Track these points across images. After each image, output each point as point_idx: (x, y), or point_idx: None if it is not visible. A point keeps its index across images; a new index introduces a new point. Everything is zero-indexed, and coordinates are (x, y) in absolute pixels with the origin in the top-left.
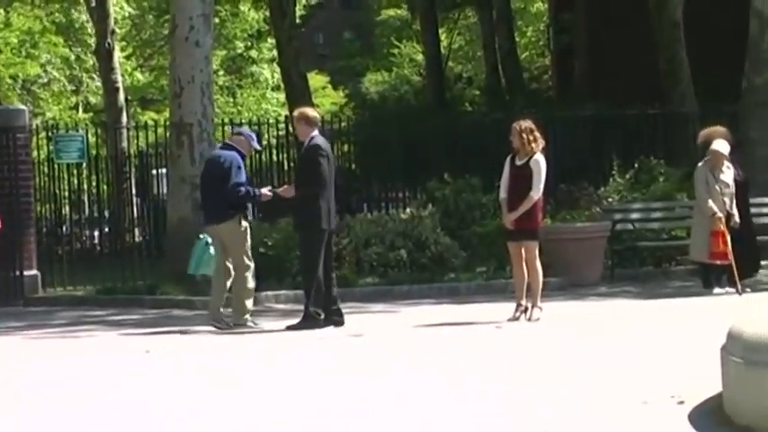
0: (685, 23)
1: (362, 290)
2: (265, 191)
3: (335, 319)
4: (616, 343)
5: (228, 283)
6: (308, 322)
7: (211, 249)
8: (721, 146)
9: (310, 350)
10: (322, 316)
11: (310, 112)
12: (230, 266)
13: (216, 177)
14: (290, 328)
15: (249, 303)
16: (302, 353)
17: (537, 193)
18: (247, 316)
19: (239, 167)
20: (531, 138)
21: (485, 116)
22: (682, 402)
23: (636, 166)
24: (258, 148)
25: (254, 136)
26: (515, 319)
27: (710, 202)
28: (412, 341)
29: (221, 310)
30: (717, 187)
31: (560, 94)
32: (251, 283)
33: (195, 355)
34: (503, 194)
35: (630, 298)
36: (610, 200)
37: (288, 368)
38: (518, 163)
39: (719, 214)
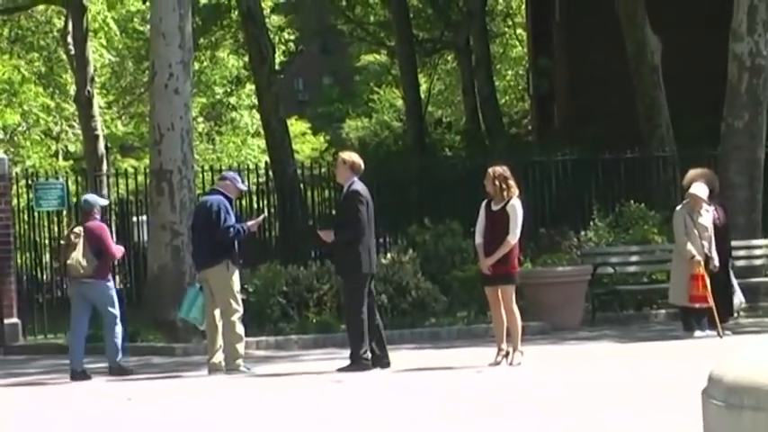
0: (664, 68)
1: (343, 335)
2: (251, 223)
3: (383, 361)
4: (597, 387)
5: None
6: (358, 365)
7: (202, 296)
8: (699, 189)
9: (289, 395)
10: (369, 359)
11: (356, 158)
12: (217, 315)
13: (204, 223)
14: (340, 370)
15: (240, 348)
16: (280, 398)
17: (514, 238)
18: (239, 361)
19: (228, 210)
20: (505, 185)
21: (465, 161)
22: None
23: (616, 209)
24: (244, 188)
25: (238, 177)
26: (496, 363)
27: (689, 246)
28: (392, 387)
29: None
30: (695, 230)
31: (540, 139)
32: (240, 329)
33: (177, 401)
34: (478, 239)
35: (611, 341)
36: (590, 244)
37: (262, 415)
38: (494, 208)
39: (698, 258)
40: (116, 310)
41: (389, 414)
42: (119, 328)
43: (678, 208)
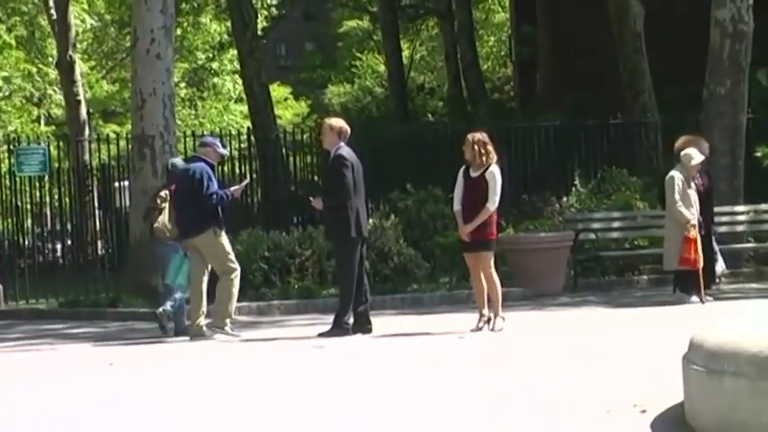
0: (646, 34)
1: (325, 301)
2: (234, 188)
3: (366, 327)
4: (579, 352)
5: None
6: (339, 329)
7: (187, 262)
8: (696, 154)
9: (270, 360)
10: (351, 324)
11: (342, 123)
12: (205, 279)
13: (188, 191)
14: (321, 335)
15: (231, 308)
16: (262, 363)
17: (493, 204)
18: (228, 321)
19: (210, 177)
20: (484, 150)
21: (447, 126)
22: (644, 411)
23: (598, 176)
24: (225, 152)
25: (217, 142)
26: (478, 329)
27: (684, 210)
28: (374, 352)
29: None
30: (690, 195)
31: (522, 105)
32: (236, 288)
33: (159, 366)
34: (457, 206)
35: (593, 307)
36: (572, 210)
37: (244, 379)
38: (473, 175)
39: (693, 221)
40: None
41: (370, 379)
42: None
43: (673, 173)
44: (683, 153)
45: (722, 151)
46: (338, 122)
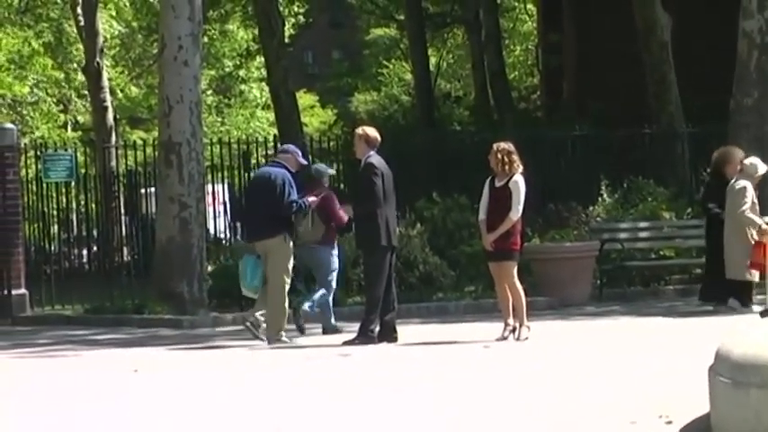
0: (674, 44)
1: (351, 309)
2: (312, 198)
3: (392, 336)
4: (604, 363)
5: None
6: (364, 338)
7: (261, 265)
8: (762, 165)
9: (297, 368)
10: (376, 333)
11: (371, 132)
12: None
13: (266, 194)
14: (346, 343)
15: (283, 321)
16: (289, 371)
17: (516, 214)
18: (282, 333)
19: (291, 184)
20: (508, 159)
21: (473, 135)
22: (670, 422)
23: (624, 185)
24: (304, 162)
25: (299, 152)
26: (504, 338)
27: (754, 216)
28: (400, 361)
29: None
30: (756, 204)
31: (549, 114)
32: (286, 302)
33: (183, 373)
34: (482, 216)
35: (619, 317)
36: (598, 219)
37: (270, 387)
38: (497, 184)
39: (765, 227)
40: (332, 277)
41: (394, 388)
42: (327, 292)
43: (744, 183)
44: (747, 163)
45: None
46: (367, 131)
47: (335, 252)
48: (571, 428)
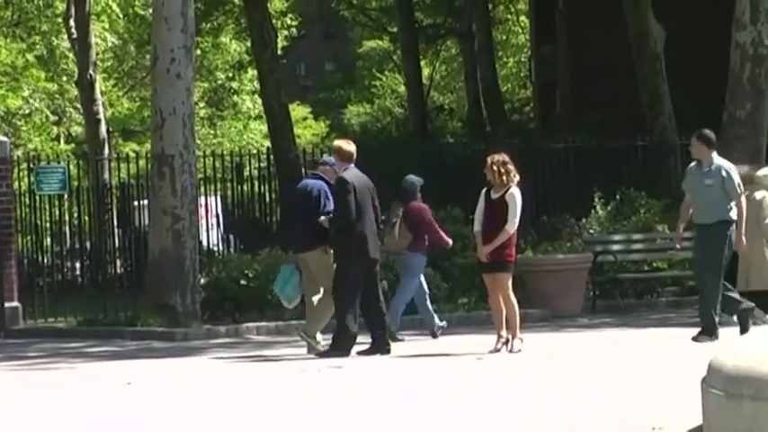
0: (667, 56)
1: None
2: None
3: (383, 348)
4: (597, 375)
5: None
6: (336, 349)
7: (297, 275)
8: None
9: (288, 380)
10: (352, 341)
11: (344, 145)
12: (317, 295)
13: (304, 207)
14: (319, 355)
15: (320, 327)
16: (280, 383)
17: (512, 226)
18: (320, 336)
19: (327, 196)
20: (504, 171)
21: (466, 147)
22: None
23: (617, 197)
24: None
25: (334, 162)
26: (496, 350)
27: None
28: (392, 373)
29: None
30: None
31: (542, 126)
32: (330, 313)
33: (176, 385)
34: (477, 227)
35: (612, 329)
36: (591, 231)
37: (258, 398)
38: (493, 196)
39: None
40: (413, 285)
41: (387, 400)
42: (404, 300)
43: (760, 193)
44: (761, 174)
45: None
46: (340, 144)
47: (424, 259)
48: None
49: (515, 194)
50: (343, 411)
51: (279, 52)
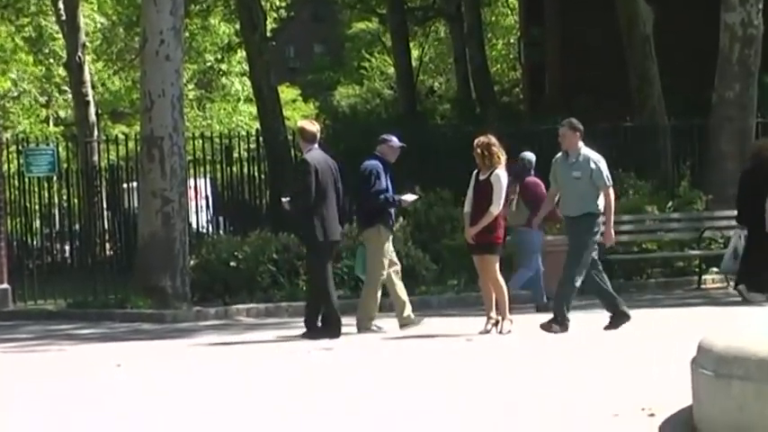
0: (656, 38)
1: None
2: (404, 197)
3: (335, 332)
4: (586, 356)
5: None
6: (327, 330)
7: None
8: None
9: (280, 362)
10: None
11: (307, 126)
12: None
13: (361, 186)
14: (304, 336)
15: (375, 309)
16: (268, 365)
17: (496, 208)
18: (371, 322)
19: (378, 175)
20: (488, 153)
21: (456, 129)
22: (652, 415)
23: None
24: (400, 144)
25: (392, 138)
26: (486, 331)
27: None
28: (382, 354)
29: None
30: None
31: (531, 108)
32: (378, 294)
33: (166, 368)
34: (466, 209)
35: (601, 310)
36: None
37: (248, 382)
38: (481, 178)
39: None
40: (537, 258)
41: (377, 381)
42: (534, 273)
43: None
44: None
45: (730, 155)
46: (303, 125)
47: (541, 234)
48: (553, 421)
49: (501, 176)
50: (333, 392)
51: (268, 34)
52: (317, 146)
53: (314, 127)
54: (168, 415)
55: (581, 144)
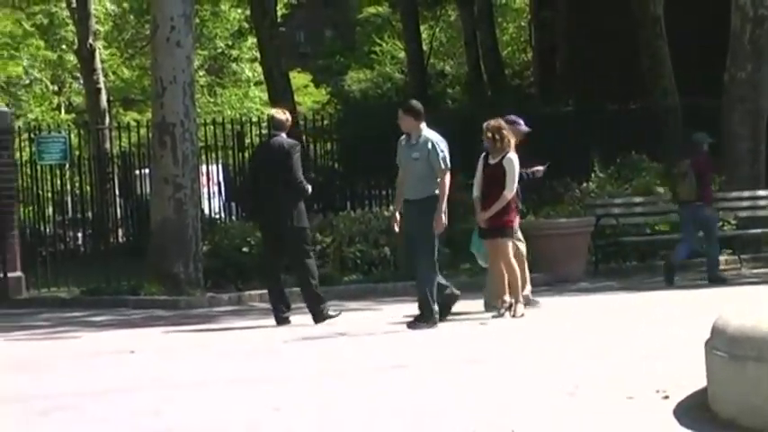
0: (667, 19)
1: (346, 287)
2: (536, 168)
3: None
4: (600, 338)
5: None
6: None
7: None
8: None
9: (291, 349)
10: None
11: (276, 114)
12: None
13: None
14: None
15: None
16: (285, 351)
17: (510, 192)
18: (525, 296)
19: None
20: (499, 136)
21: (466, 113)
22: (667, 397)
23: (618, 161)
24: (526, 129)
25: (520, 120)
26: (500, 315)
27: None
28: (395, 339)
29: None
30: None
31: (542, 91)
32: (517, 271)
33: (179, 354)
34: (476, 193)
35: (614, 292)
36: (592, 195)
37: (258, 367)
38: (491, 162)
39: None
40: (715, 230)
41: (393, 364)
42: (716, 246)
43: None
44: None
45: (743, 136)
46: (271, 113)
47: (710, 208)
48: (567, 404)
49: (513, 160)
50: (349, 377)
51: (278, 20)
52: (283, 134)
53: (282, 116)
54: (177, 399)
55: (423, 126)
